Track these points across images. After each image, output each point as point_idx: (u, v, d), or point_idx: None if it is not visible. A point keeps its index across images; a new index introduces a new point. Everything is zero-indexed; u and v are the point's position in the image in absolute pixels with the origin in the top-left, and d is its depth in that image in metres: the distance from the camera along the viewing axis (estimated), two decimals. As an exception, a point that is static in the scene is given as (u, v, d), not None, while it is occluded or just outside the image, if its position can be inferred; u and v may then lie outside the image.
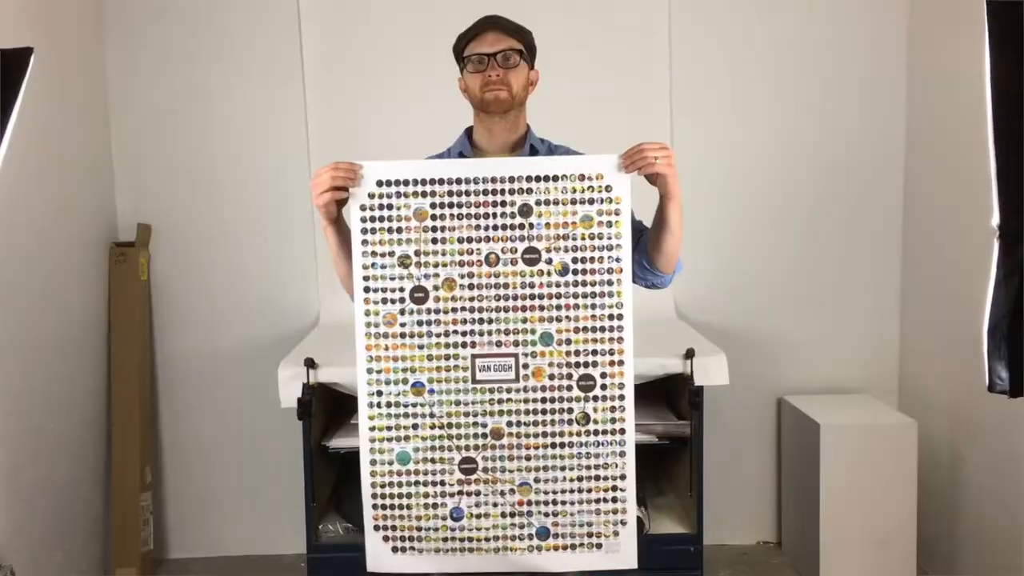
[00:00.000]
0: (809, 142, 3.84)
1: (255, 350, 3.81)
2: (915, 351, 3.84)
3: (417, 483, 2.01)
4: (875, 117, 3.83)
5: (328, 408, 3.21)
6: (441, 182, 1.96)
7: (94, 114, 3.76)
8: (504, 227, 1.97)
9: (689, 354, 3.04)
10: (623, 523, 2.01)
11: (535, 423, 1.99)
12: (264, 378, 3.17)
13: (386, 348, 1.99)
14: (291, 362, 3.04)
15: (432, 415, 2.00)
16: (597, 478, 2.01)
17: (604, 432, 2.00)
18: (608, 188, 1.96)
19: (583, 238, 1.97)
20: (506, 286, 1.97)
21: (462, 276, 1.97)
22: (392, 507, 2.01)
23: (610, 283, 1.97)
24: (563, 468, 2.00)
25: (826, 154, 3.85)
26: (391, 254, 1.97)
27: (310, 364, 2.95)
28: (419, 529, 2.02)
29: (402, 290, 1.98)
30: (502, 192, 1.96)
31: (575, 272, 1.97)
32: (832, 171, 3.86)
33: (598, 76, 3.79)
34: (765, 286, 3.90)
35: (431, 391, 1.99)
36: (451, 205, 1.97)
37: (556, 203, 1.96)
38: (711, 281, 3.87)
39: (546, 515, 2.01)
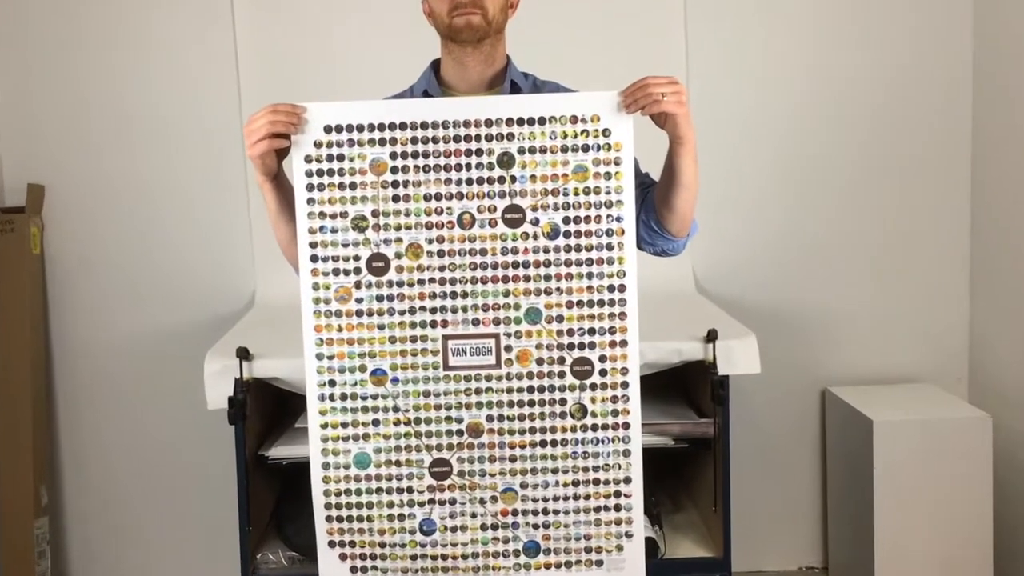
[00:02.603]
0: (855, 77, 3.89)
1: (176, 339, 3.85)
2: (988, 332, 3.89)
3: (379, 491, 2.08)
4: (935, 44, 3.88)
5: (267, 410, 3.24)
6: (403, 127, 2.02)
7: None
8: (480, 181, 2.03)
9: (711, 337, 3.07)
10: (628, 536, 2.10)
11: (521, 417, 2.07)
12: (187, 373, 3.20)
13: (339, 329, 2.06)
14: (220, 353, 3.06)
15: (396, 409, 2.07)
16: (596, 482, 2.08)
17: (604, 427, 2.07)
18: (606, 132, 2.01)
19: (576, 193, 2.03)
20: (484, 252, 2.04)
21: (430, 241, 2.04)
22: (350, 519, 2.09)
23: (610, 247, 2.03)
24: (555, 471, 2.08)
25: (877, 91, 3.89)
26: (343, 215, 2.03)
27: (243, 355, 2.97)
28: (383, 545, 2.09)
29: (357, 259, 2.04)
30: (477, 138, 2.02)
31: (567, 235, 2.03)
32: (884, 112, 3.91)
33: (595, -5, 3.83)
34: (803, 253, 3.96)
35: (394, 380, 2.06)
36: (415, 155, 2.02)
37: (543, 151, 2.02)
38: (737, 246, 3.93)
39: (535, 527, 2.09)
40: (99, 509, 4.01)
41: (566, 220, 2.03)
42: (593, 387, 2.06)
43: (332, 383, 2.07)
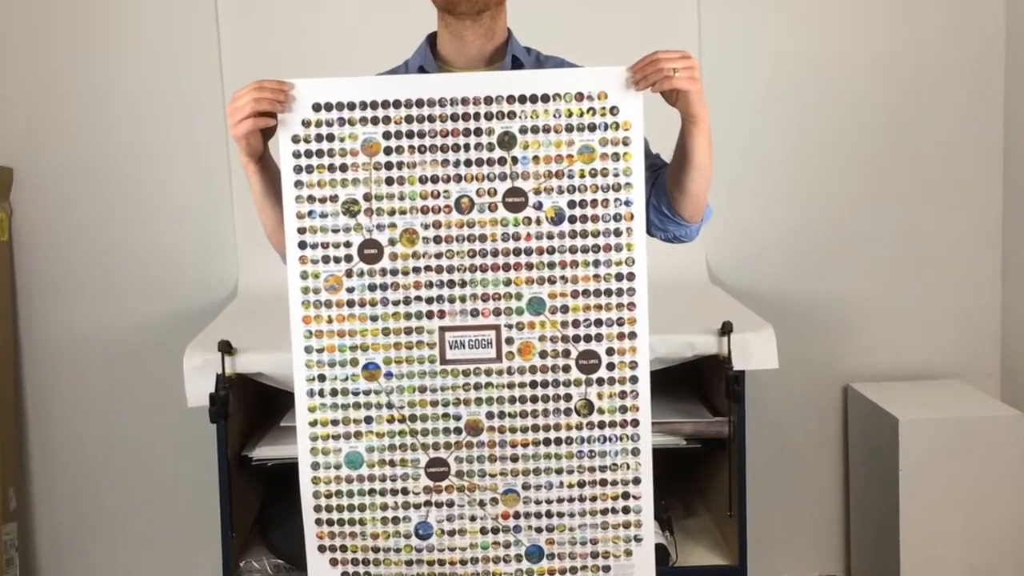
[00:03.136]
0: (880, 57, 3.90)
1: (153, 332, 3.86)
2: (1021, 324, 3.90)
3: (372, 492, 2.09)
4: (965, 21, 3.88)
5: (250, 407, 3.26)
6: (397, 105, 2.02)
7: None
8: (480, 162, 2.03)
9: (726, 329, 3.08)
10: (637, 540, 2.11)
11: (523, 414, 2.07)
12: (165, 369, 3.21)
13: (329, 321, 2.06)
14: (200, 347, 3.07)
15: (390, 405, 2.08)
16: (603, 483, 2.09)
17: (612, 424, 2.08)
18: (614, 110, 2.02)
19: (582, 175, 2.03)
20: (483, 238, 2.04)
21: (426, 226, 2.04)
22: (341, 522, 2.10)
23: (618, 233, 2.04)
24: (559, 471, 2.08)
25: (902, 71, 3.90)
26: (333, 199, 2.04)
27: (226, 349, 2.98)
28: (376, 550, 2.10)
29: (348, 245, 2.04)
30: (477, 117, 2.02)
31: (572, 220, 2.04)
32: (910, 93, 3.91)
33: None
34: (823, 240, 3.96)
35: (388, 375, 2.07)
36: (410, 135, 2.02)
37: (547, 130, 2.02)
38: (754, 233, 3.94)
39: (538, 531, 2.10)
40: (71, 514, 4.01)
41: (571, 204, 2.03)
42: (600, 382, 2.07)
43: (322, 378, 2.07)
